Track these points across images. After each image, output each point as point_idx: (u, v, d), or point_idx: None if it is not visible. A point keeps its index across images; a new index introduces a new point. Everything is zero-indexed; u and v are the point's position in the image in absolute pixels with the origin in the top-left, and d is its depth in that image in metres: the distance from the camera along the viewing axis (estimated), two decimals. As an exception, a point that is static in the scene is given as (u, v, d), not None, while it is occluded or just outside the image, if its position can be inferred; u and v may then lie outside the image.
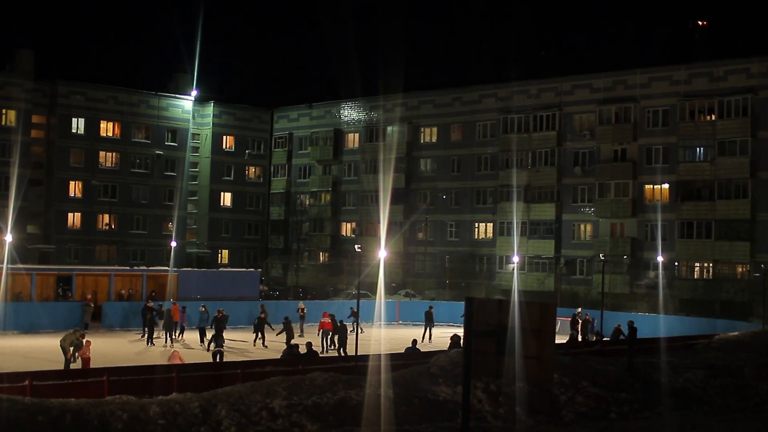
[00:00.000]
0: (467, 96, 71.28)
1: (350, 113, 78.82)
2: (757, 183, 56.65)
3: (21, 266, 47.77)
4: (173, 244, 67.41)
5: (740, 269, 57.03)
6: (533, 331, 11.25)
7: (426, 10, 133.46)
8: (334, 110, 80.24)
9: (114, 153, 76.35)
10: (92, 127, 75.12)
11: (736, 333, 36.89)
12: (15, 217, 56.30)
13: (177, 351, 28.84)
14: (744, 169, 56.84)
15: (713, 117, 58.48)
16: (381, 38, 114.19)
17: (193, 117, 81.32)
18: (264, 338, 38.06)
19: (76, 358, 27.88)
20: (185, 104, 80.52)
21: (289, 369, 23.15)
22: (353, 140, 78.61)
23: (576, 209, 64.61)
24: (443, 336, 37.50)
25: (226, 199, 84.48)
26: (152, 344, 37.46)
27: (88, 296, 45.39)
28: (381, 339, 36.58)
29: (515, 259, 60.24)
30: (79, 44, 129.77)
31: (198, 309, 39.60)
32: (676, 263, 59.20)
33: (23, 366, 26.75)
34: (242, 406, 18.58)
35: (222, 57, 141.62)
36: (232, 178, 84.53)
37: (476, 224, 69.94)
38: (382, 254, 39.84)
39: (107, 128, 76.13)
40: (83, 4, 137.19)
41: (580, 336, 40.30)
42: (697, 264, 59.13)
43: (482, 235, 69.64)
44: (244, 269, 66.57)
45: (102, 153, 75.70)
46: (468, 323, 11.67)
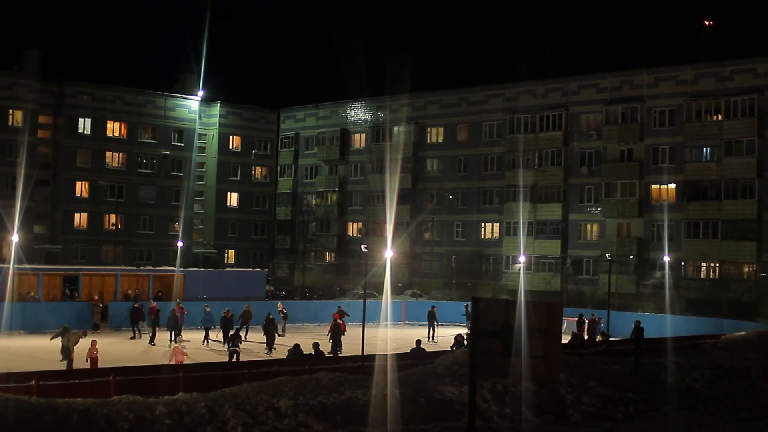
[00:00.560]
0: (474, 96, 71.27)
1: (357, 113, 78.84)
2: (764, 183, 56.57)
3: (28, 266, 47.77)
4: (180, 244, 67.41)
5: (747, 269, 57.00)
6: (540, 331, 11.24)
7: (433, 11, 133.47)
8: (341, 110, 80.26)
9: (120, 153, 76.44)
10: (99, 128, 75.18)
11: (743, 333, 36.84)
12: (22, 218, 56.32)
13: (178, 346, 29.05)
14: (751, 169, 56.78)
15: (720, 117, 58.41)
16: (388, 38, 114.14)
17: (200, 117, 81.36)
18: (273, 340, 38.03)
19: (72, 356, 27.63)
20: (192, 104, 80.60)
21: (296, 369, 23.18)
22: (360, 140, 78.62)
23: (582, 209, 64.55)
24: (447, 336, 37.52)
25: (233, 199, 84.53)
26: (153, 344, 37.54)
27: (95, 296, 45.45)
28: (387, 339, 36.59)
29: (522, 259, 60.18)
30: (86, 44, 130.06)
31: (203, 309, 39.56)
32: (683, 263, 59.17)
33: (29, 366, 26.75)
34: (249, 406, 18.60)
35: (229, 57, 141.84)
36: (239, 179, 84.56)
37: (483, 224, 69.93)
38: (389, 254, 39.89)
39: (114, 128, 76.21)
40: (90, 5, 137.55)
41: (586, 335, 40.21)
42: (704, 264, 59.07)
43: (489, 235, 69.65)
44: (251, 269, 66.56)
45: (108, 153, 75.79)
46: (474, 323, 11.67)
